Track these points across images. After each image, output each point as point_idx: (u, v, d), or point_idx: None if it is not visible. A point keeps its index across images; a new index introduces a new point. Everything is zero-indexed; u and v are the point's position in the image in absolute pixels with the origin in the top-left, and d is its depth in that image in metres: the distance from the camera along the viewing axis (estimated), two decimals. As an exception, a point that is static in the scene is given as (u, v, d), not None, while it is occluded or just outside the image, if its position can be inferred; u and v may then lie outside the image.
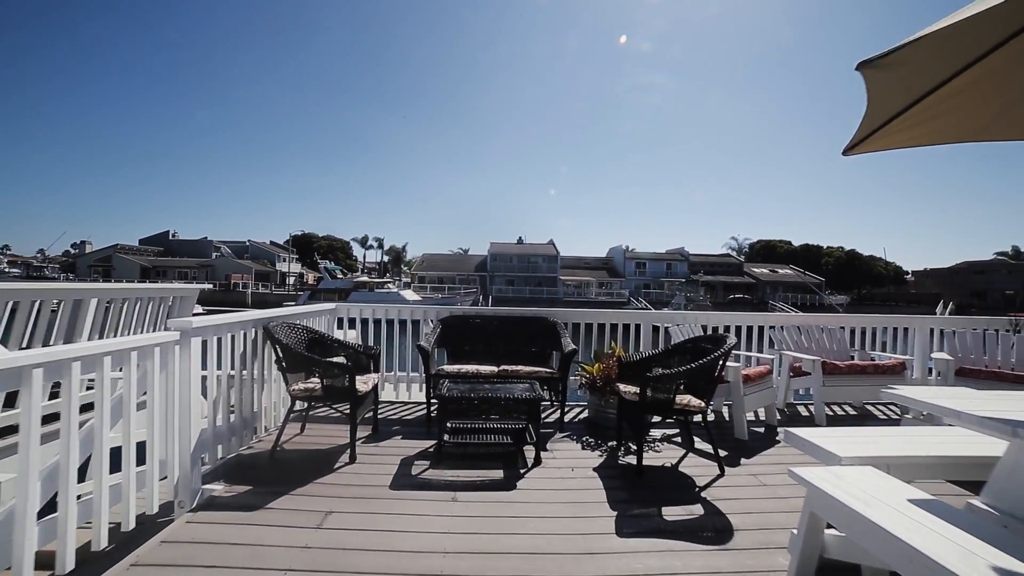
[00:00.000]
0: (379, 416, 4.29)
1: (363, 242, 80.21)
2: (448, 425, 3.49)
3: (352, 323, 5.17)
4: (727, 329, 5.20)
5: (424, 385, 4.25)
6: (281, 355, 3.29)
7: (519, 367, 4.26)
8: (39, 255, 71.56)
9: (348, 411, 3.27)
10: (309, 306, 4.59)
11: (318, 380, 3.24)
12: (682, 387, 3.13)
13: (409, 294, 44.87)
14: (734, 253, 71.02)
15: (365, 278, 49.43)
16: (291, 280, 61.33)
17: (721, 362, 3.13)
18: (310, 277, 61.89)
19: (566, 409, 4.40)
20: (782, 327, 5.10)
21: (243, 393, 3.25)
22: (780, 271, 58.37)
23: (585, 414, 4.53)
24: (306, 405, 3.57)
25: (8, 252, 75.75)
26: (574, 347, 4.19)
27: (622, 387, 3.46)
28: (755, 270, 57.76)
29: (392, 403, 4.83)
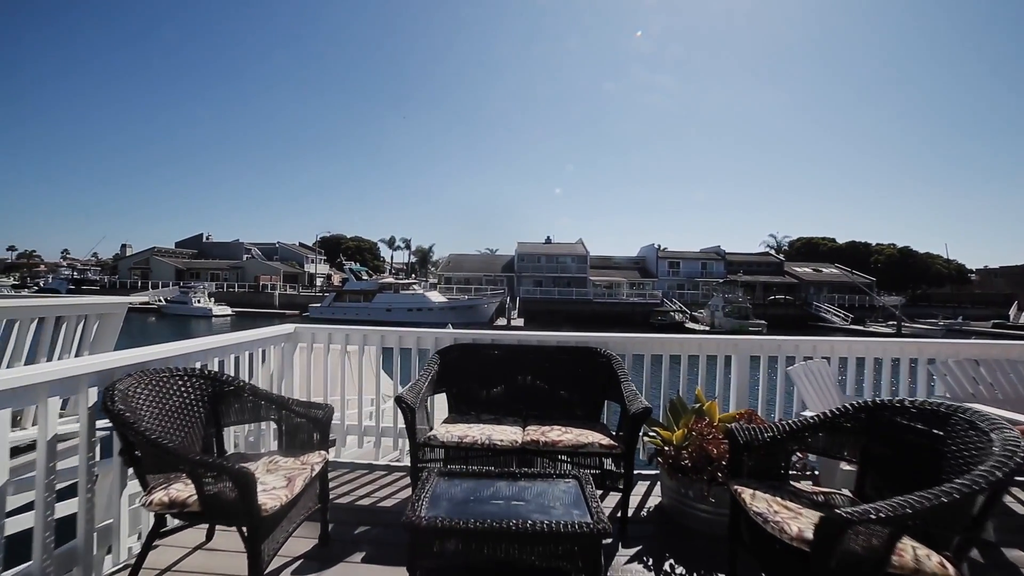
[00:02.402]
0: (340, 502, 2.85)
1: (390, 243, 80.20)
2: (433, 557, 1.97)
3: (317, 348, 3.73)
4: (861, 363, 3.50)
5: (410, 457, 2.75)
6: (131, 439, 1.84)
7: (556, 431, 2.72)
8: (93, 258, 74.73)
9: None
10: (251, 332, 3.18)
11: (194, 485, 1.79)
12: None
13: (435, 295, 43.82)
14: (773, 251, 67.28)
15: (391, 279, 48.72)
16: (319, 281, 61.51)
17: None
18: (336, 278, 61.89)
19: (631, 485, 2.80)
20: (948, 360, 3.38)
21: (49, 512, 1.82)
22: (824, 270, 54.59)
23: (657, 497, 2.95)
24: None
25: (68, 256, 79.75)
26: (647, 405, 2.60)
27: (747, 496, 1.88)
28: (797, 269, 54.20)
29: (372, 468, 3.36)
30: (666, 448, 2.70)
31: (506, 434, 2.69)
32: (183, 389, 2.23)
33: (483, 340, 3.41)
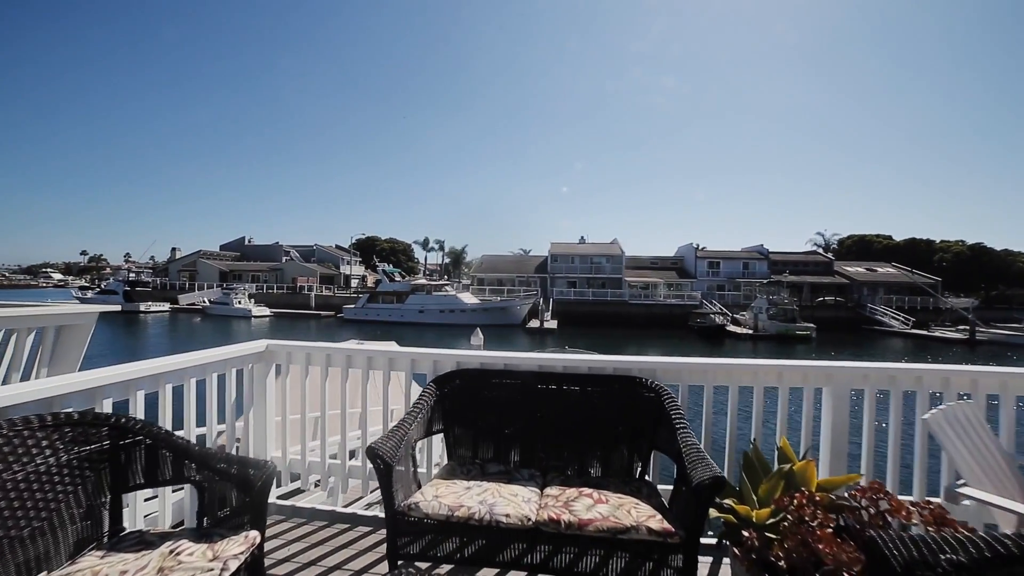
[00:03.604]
0: (304, 560, 2.18)
1: (424, 244, 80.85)
2: None
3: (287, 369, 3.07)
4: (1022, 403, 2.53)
5: (386, 531, 2.03)
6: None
7: (585, 500, 1.95)
8: (150, 261, 79.38)
9: None
10: (208, 353, 2.56)
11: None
12: None
13: (467, 297, 43.50)
14: (821, 250, 63.48)
15: (423, 280, 48.84)
16: (354, 283, 62.54)
17: None
18: (371, 279, 62.76)
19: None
20: None
21: None
22: (880, 270, 50.75)
23: (725, 588, 2.13)
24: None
25: (129, 259, 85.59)
26: (717, 473, 1.79)
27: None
28: (848, 269, 50.62)
29: (356, 522, 2.68)
30: (745, 534, 1.87)
31: (516, 503, 1.94)
32: (59, 444, 1.60)
33: (493, 365, 2.66)
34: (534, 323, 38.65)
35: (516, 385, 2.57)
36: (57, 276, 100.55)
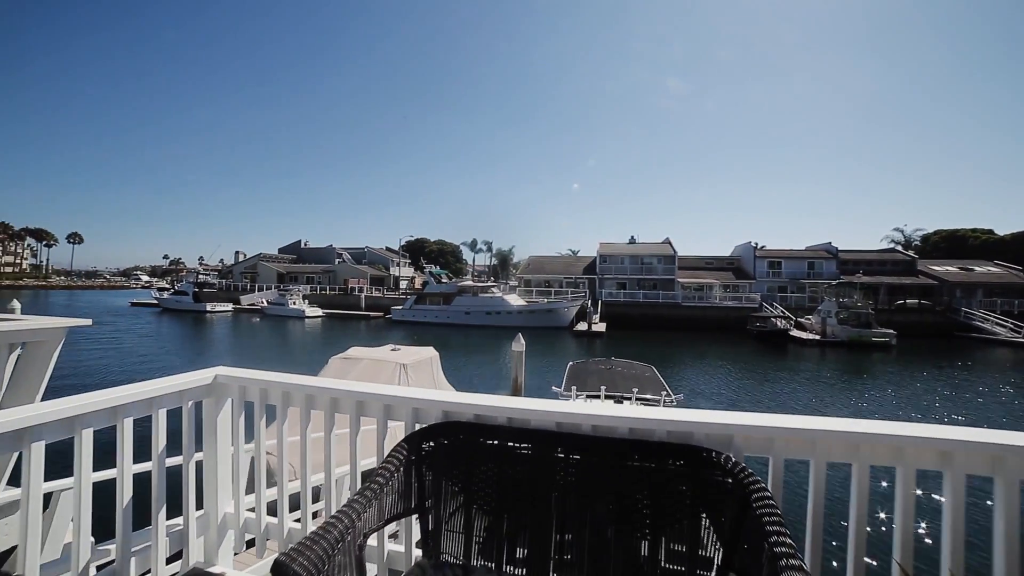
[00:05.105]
0: None
1: (472, 246, 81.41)
2: None
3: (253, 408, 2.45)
4: None
5: None
6: None
7: None
8: (220, 264, 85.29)
9: None
10: (132, 389, 1.97)
11: None
12: None
13: (513, 298, 42.93)
14: (900, 248, 57.76)
15: (469, 282, 48.81)
16: (403, 284, 63.76)
17: None
18: (419, 281, 63.74)
19: None
20: None
21: None
22: (977, 269, 45.12)
23: None
24: None
25: (203, 263, 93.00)
26: None
27: None
28: (935, 268, 45.40)
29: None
30: None
31: None
32: None
33: (493, 418, 1.88)
34: (582, 326, 37.44)
35: (523, 450, 1.77)
36: (145, 278, 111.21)
